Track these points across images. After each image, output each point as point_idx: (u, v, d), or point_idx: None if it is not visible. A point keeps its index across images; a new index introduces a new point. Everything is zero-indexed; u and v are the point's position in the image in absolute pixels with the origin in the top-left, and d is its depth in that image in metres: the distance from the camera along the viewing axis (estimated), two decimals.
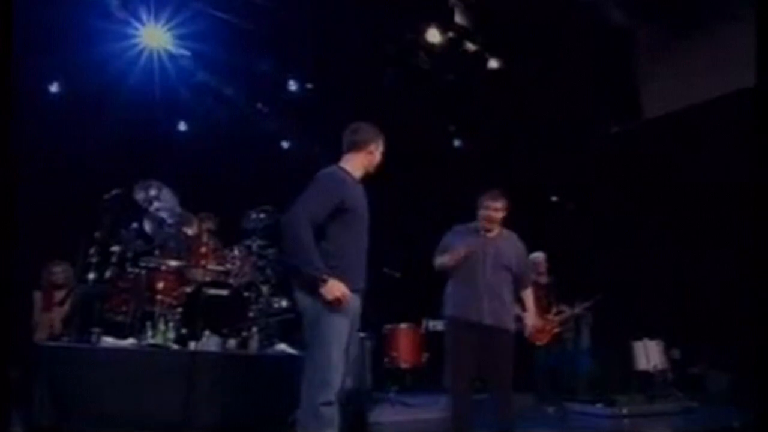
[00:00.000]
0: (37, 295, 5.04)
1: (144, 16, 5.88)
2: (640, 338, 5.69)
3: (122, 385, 3.73)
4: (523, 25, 6.38)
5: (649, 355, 5.60)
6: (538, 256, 5.82)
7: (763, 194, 2.60)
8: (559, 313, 5.67)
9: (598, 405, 5.25)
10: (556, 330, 5.60)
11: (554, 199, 8.38)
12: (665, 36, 6.98)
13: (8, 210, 2.28)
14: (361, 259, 2.67)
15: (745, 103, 5.53)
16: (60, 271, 5.04)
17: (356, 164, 2.80)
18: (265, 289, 4.98)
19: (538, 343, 5.49)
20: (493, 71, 6.78)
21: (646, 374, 5.63)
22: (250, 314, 4.64)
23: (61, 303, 4.97)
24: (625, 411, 5.12)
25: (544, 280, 5.84)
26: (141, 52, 6.19)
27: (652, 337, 5.68)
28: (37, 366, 3.70)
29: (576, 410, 5.35)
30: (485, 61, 6.73)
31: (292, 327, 5.20)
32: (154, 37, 6.09)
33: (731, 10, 6.03)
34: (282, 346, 4.66)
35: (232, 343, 4.39)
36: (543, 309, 5.61)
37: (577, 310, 5.69)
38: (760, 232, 2.70)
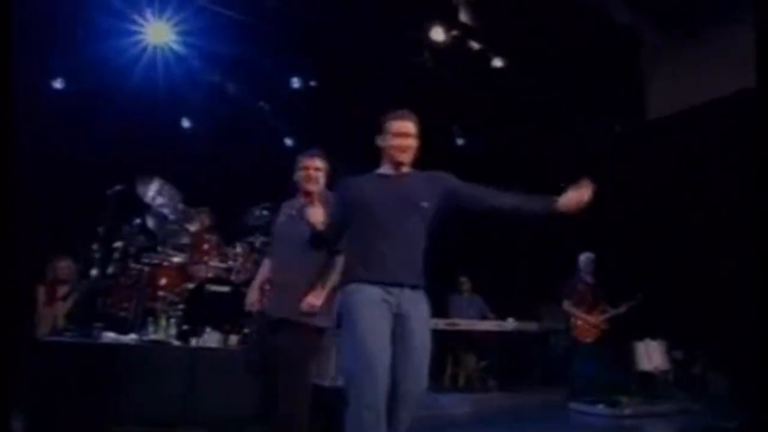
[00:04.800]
0: (41, 290, 5.05)
1: (148, 13, 5.89)
2: (642, 339, 5.68)
3: (123, 380, 3.76)
4: (526, 23, 6.36)
5: (650, 355, 5.59)
6: (588, 255, 5.92)
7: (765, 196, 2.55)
8: (603, 312, 5.73)
9: (600, 406, 5.24)
10: (602, 329, 5.71)
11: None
12: (671, 35, 6.95)
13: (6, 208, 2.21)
14: (387, 251, 2.46)
15: (751, 102, 5.51)
16: (63, 266, 5.05)
17: (383, 160, 2.69)
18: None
19: (585, 341, 5.60)
20: (497, 70, 6.78)
21: (647, 375, 5.63)
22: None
23: (64, 298, 4.98)
24: (626, 412, 5.11)
25: (590, 279, 5.91)
26: (145, 48, 6.20)
27: (654, 338, 5.68)
28: (39, 361, 3.72)
29: (577, 410, 5.35)
30: (489, 60, 6.73)
31: None
32: (159, 33, 6.10)
33: (736, 10, 6.00)
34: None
35: (233, 339, 4.39)
36: (589, 307, 5.78)
37: (622, 309, 5.75)
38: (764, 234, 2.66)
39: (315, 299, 2.92)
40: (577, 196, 2.52)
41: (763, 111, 2.80)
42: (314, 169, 3.13)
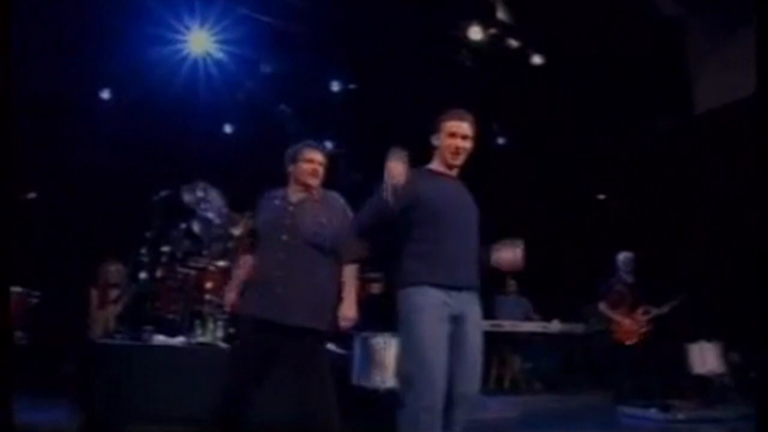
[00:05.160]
0: (94, 293, 5.22)
1: (189, 22, 6.02)
2: (695, 340, 5.47)
3: (173, 381, 3.83)
4: (566, 17, 6.22)
5: (705, 358, 5.37)
6: (627, 254, 5.80)
7: None
8: (646, 312, 5.61)
9: (652, 410, 5.06)
10: (644, 330, 5.57)
11: (601, 197, 8.16)
12: (719, 25, 6.68)
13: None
14: (451, 253, 2.42)
15: None
16: (114, 270, 5.22)
17: (435, 160, 2.63)
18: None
19: (626, 342, 5.51)
20: (537, 67, 6.66)
21: (702, 378, 5.41)
22: None
23: (115, 301, 5.13)
24: (680, 416, 4.92)
25: (630, 279, 5.78)
26: (186, 57, 6.34)
27: (709, 340, 5.45)
28: (93, 361, 3.84)
29: (627, 414, 5.19)
30: (528, 57, 6.62)
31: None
32: (200, 42, 6.22)
33: None
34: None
35: None
36: (629, 308, 5.67)
37: (665, 309, 5.60)
38: None
39: (352, 312, 2.77)
40: (509, 257, 2.55)
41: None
42: (318, 163, 2.89)
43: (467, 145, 2.54)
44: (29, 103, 6.08)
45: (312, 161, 2.89)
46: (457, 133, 2.53)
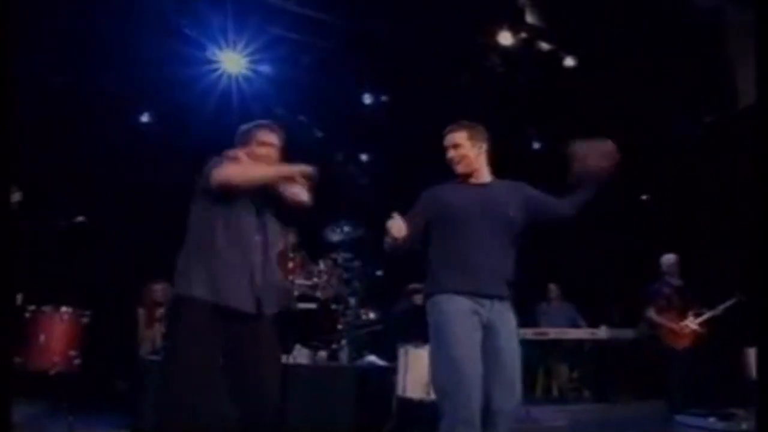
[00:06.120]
0: (141, 313, 5.35)
1: (223, 43, 6.16)
2: (755, 344, 5.21)
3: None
4: (599, 14, 6.10)
5: None
6: (671, 257, 5.62)
7: None
8: (697, 315, 5.42)
9: (711, 419, 4.83)
10: (698, 332, 5.39)
11: (644, 197, 7.94)
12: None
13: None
14: (479, 260, 2.42)
15: None
16: (160, 289, 5.32)
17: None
18: (352, 301, 5.03)
19: (679, 348, 5.33)
20: (570, 69, 6.55)
21: None
22: (339, 327, 4.69)
23: (161, 319, 5.24)
24: (743, 426, 4.67)
25: (676, 281, 5.60)
26: (221, 77, 6.47)
27: None
28: (143, 378, 3.92)
29: (684, 423, 4.97)
30: (560, 59, 6.53)
31: (380, 338, 5.22)
32: (234, 62, 6.36)
33: None
34: (371, 358, 4.68)
35: (322, 355, 4.45)
36: (677, 312, 5.47)
37: (718, 311, 5.39)
38: None
39: None
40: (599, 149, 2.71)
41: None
42: (275, 148, 2.59)
43: (460, 152, 2.59)
44: (73, 128, 6.34)
45: (268, 144, 2.57)
46: (447, 146, 2.62)
